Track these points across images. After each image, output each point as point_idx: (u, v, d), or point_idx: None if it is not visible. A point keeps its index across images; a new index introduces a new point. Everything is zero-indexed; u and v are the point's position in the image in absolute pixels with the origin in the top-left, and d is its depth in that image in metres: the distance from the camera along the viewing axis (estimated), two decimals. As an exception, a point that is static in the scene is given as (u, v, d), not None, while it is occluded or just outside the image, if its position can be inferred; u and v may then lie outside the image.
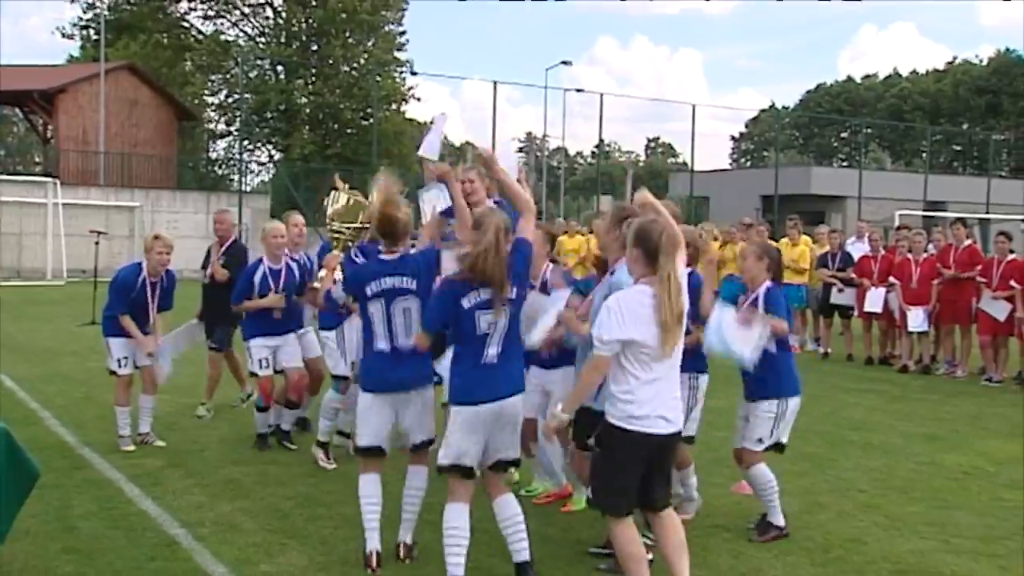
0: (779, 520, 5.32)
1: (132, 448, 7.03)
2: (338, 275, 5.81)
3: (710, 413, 5.67)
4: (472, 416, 4.36)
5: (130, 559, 4.78)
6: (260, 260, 7.24)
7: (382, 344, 4.73)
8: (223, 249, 8.30)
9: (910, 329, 11.85)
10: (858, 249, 13.66)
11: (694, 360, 5.13)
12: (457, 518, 4.44)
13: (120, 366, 7.09)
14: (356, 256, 5.82)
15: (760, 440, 5.29)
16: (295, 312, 7.36)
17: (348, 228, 6.02)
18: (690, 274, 5.24)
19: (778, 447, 5.45)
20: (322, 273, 6.05)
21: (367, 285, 4.73)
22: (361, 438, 4.83)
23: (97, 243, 16.53)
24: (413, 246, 5.07)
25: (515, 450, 4.56)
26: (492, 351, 4.38)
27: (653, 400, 4.03)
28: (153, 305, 7.11)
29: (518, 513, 4.52)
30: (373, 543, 4.73)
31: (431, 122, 6.58)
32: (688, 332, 4.97)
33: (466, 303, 4.33)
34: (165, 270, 7.17)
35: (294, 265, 7.30)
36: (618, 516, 4.14)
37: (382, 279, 4.72)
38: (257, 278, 7.18)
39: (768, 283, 5.36)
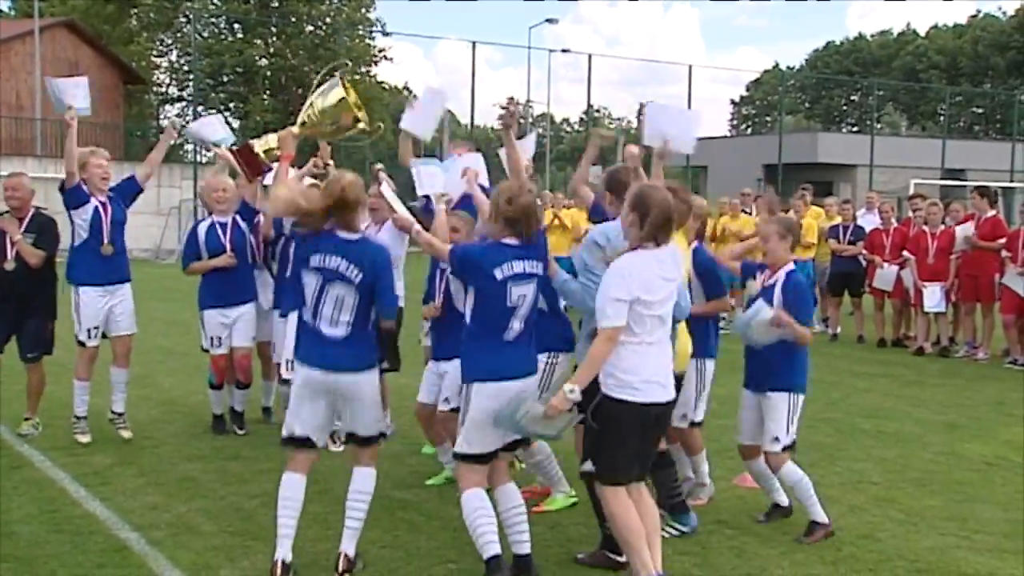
0: (821, 516, 5.34)
1: (87, 440, 7.04)
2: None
3: (711, 400, 5.72)
4: (496, 394, 4.47)
5: (76, 566, 4.75)
6: (206, 216, 7.37)
7: (307, 316, 4.74)
8: (24, 225, 7.07)
9: (926, 309, 11.91)
10: (869, 222, 13.71)
11: (703, 346, 5.44)
12: (477, 500, 4.55)
13: (89, 337, 7.02)
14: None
15: (777, 439, 5.37)
16: (249, 280, 7.40)
17: (326, 121, 5.56)
18: (696, 249, 5.44)
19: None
20: (272, 141, 5.67)
21: (312, 256, 4.65)
22: (289, 425, 4.77)
23: (35, 220, 16.36)
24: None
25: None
26: (516, 326, 4.56)
27: (649, 367, 4.31)
28: (108, 225, 6.96)
29: (521, 503, 4.68)
30: (283, 550, 4.63)
31: (413, 96, 6.66)
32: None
33: (499, 274, 4.48)
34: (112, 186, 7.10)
35: (242, 223, 7.37)
36: (616, 486, 4.38)
37: (329, 256, 4.62)
38: (202, 230, 7.30)
39: (791, 266, 5.49)
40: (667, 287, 4.37)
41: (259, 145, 5.92)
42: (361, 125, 5.58)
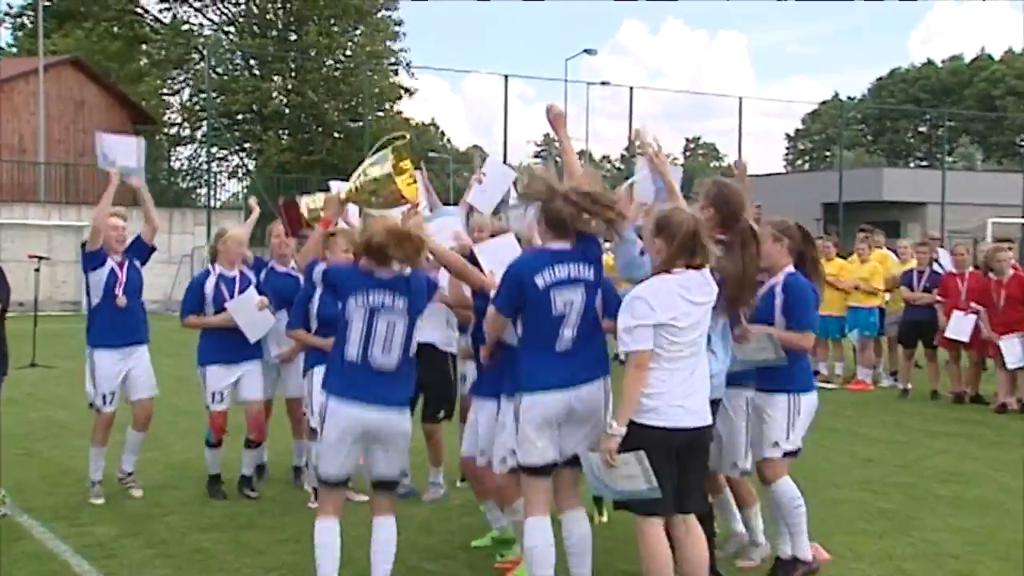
0: (806, 552, 5.31)
1: (102, 501, 7.17)
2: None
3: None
4: (545, 406, 4.67)
5: (79, 646, 4.78)
6: (208, 270, 7.53)
7: (352, 352, 4.96)
8: None
9: (1008, 366, 11.71)
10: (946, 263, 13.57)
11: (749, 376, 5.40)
12: (542, 534, 4.74)
13: (105, 403, 7.21)
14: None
15: (776, 444, 5.37)
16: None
17: (374, 194, 5.84)
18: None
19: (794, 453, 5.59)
20: (319, 201, 5.99)
21: (352, 294, 4.94)
22: (327, 468, 5.01)
23: (37, 270, 16.66)
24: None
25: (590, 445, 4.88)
26: (568, 334, 4.71)
27: (673, 391, 4.43)
28: (120, 288, 7.18)
29: (587, 532, 4.89)
30: None
31: (481, 158, 6.87)
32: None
33: (540, 281, 4.66)
34: (126, 247, 7.33)
35: (250, 273, 7.59)
36: (646, 515, 4.50)
37: (372, 291, 4.92)
38: (209, 286, 7.46)
39: (789, 268, 5.45)
40: (694, 311, 4.48)
41: (306, 204, 6.16)
42: (407, 203, 5.72)
